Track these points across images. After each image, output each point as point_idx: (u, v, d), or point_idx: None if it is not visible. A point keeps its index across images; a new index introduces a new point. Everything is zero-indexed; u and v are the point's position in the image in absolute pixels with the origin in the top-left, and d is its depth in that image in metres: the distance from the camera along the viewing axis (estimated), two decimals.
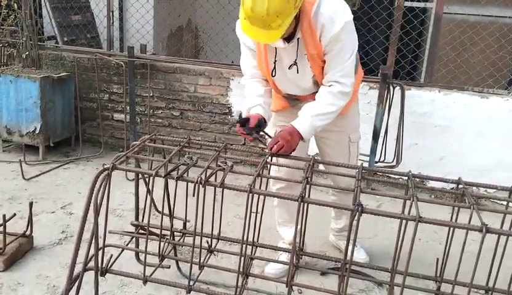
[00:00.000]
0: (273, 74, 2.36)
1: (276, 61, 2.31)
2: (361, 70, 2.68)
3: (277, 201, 2.78)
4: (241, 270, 2.00)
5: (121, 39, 5.59)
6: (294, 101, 2.56)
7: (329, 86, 2.29)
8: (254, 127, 2.26)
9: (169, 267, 2.32)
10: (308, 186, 2.01)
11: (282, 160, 2.30)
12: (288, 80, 2.39)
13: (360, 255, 2.87)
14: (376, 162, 3.93)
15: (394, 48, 3.89)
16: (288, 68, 2.30)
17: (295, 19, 2.11)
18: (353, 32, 2.26)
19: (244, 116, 2.34)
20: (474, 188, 2.89)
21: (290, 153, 2.27)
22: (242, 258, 1.97)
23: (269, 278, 2.33)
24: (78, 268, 2.01)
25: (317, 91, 2.41)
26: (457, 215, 2.00)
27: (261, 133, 2.32)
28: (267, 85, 2.49)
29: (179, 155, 2.18)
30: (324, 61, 2.27)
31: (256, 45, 2.34)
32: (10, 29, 4.67)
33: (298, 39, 2.20)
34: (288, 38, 2.19)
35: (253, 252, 2.30)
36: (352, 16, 2.20)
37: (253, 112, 2.35)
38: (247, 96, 2.47)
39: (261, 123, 2.31)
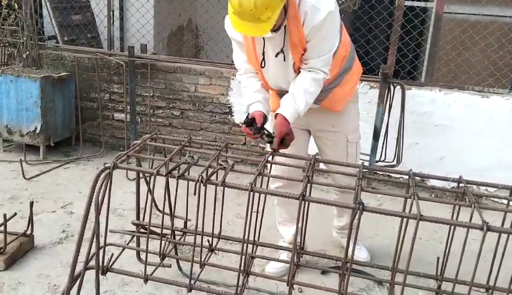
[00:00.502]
0: (262, 65, 2.34)
1: (264, 52, 2.30)
2: (360, 68, 2.66)
3: (276, 200, 2.78)
4: (242, 268, 2.00)
5: (121, 38, 5.60)
6: None
7: (312, 72, 2.28)
8: (261, 127, 2.27)
9: (170, 266, 2.32)
10: (308, 185, 2.01)
11: (282, 159, 2.30)
12: (275, 70, 2.36)
13: (361, 254, 2.87)
14: (377, 161, 3.93)
15: (395, 48, 3.89)
16: (275, 56, 2.29)
17: (283, 8, 2.11)
18: (336, 21, 2.25)
19: (246, 114, 2.34)
20: (474, 187, 2.89)
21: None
22: (243, 257, 1.97)
23: (270, 277, 2.33)
24: (79, 267, 2.01)
25: None
26: (458, 214, 2.00)
27: (266, 131, 2.32)
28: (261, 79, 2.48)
29: (180, 154, 2.18)
30: (305, 49, 2.26)
31: (244, 38, 2.33)
32: (10, 29, 4.67)
33: (284, 26, 2.19)
34: (275, 27, 2.18)
35: (254, 251, 2.31)
36: (336, 6, 2.19)
37: (254, 109, 2.35)
38: (244, 93, 2.47)
39: (266, 120, 2.32)
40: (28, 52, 4.41)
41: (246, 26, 2.07)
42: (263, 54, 2.31)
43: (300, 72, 2.34)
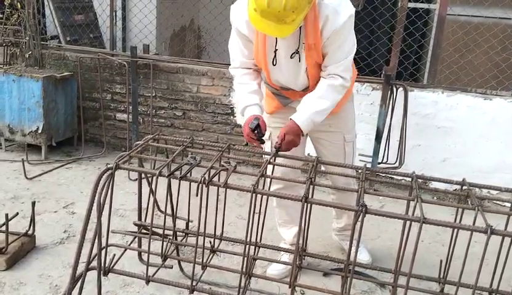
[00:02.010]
0: (274, 63, 2.31)
1: (276, 49, 2.27)
2: (355, 70, 2.65)
3: (276, 202, 2.77)
4: (244, 270, 2.00)
5: (124, 38, 5.60)
6: (285, 100, 2.53)
7: (330, 78, 2.27)
8: (264, 133, 2.28)
9: (172, 267, 2.32)
10: (311, 186, 2.00)
11: (281, 160, 2.30)
12: (286, 70, 2.35)
13: (363, 257, 2.86)
14: (379, 163, 3.93)
15: (397, 49, 3.88)
16: (290, 57, 2.26)
17: None
18: (353, 26, 2.25)
19: (245, 118, 2.33)
20: (477, 189, 2.88)
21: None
22: (245, 258, 1.97)
23: (271, 279, 2.32)
24: (81, 267, 2.01)
25: (307, 88, 2.40)
26: (461, 216, 1.99)
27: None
28: (257, 77, 2.45)
29: (182, 155, 2.17)
30: (319, 54, 2.24)
31: (256, 35, 2.28)
32: (13, 29, 4.68)
33: (300, 27, 2.17)
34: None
35: (256, 253, 2.30)
36: (354, 9, 2.19)
37: (251, 112, 2.33)
38: (238, 90, 2.44)
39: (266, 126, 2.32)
40: (30, 52, 4.42)
41: (267, 25, 2.04)
42: (275, 51, 2.27)
43: (311, 77, 2.34)
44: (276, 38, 2.23)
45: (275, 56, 2.29)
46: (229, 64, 2.51)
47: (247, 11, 2.11)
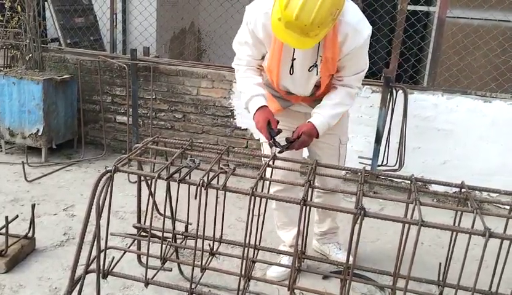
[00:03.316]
0: (291, 72, 2.31)
1: (294, 58, 2.26)
2: None
3: (275, 205, 2.78)
4: (243, 273, 2.00)
5: (124, 41, 5.60)
6: (286, 103, 2.54)
7: (347, 87, 2.36)
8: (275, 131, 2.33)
9: (171, 270, 2.32)
10: (310, 189, 2.01)
11: (280, 163, 2.30)
12: (299, 81, 2.38)
13: (341, 256, 2.86)
14: (379, 166, 3.93)
15: (397, 52, 3.88)
16: (309, 70, 2.28)
17: None
18: (369, 43, 2.30)
19: (251, 108, 2.36)
20: (477, 192, 2.88)
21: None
22: (244, 261, 1.97)
23: (271, 282, 2.32)
24: (80, 270, 2.01)
25: (310, 95, 2.44)
26: (460, 219, 1.99)
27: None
28: (260, 74, 2.47)
29: (181, 157, 2.18)
30: (334, 66, 2.29)
31: (272, 40, 2.27)
32: (13, 31, 4.68)
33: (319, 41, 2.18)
34: None
35: (255, 255, 2.30)
36: (371, 27, 2.24)
37: (258, 102, 2.35)
38: (242, 82, 2.44)
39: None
40: (30, 54, 4.42)
41: (289, 36, 2.04)
42: (293, 60, 2.27)
43: (322, 86, 2.38)
44: (294, 49, 2.23)
45: (292, 65, 2.29)
46: (229, 67, 2.51)
47: (271, 18, 2.09)
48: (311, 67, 2.27)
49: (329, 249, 2.96)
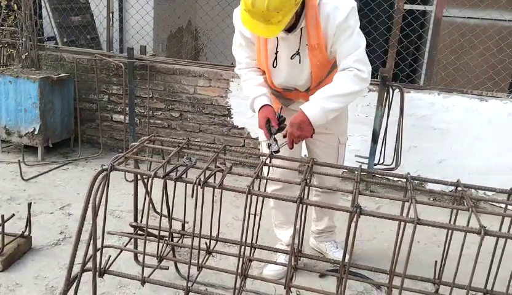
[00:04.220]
0: (274, 65, 2.32)
1: (277, 51, 2.28)
2: None
3: (273, 203, 2.78)
4: (239, 271, 2.00)
5: (121, 40, 5.60)
6: (286, 101, 2.54)
7: (344, 71, 2.22)
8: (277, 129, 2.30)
9: (167, 268, 2.32)
10: (306, 188, 2.01)
11: (278, 162, 2.30)
12: (287, 72, 2.36)
13: (337, 255, 2.86)
14: (376, 164, 3.94)
15: (394, 51, 3.89)
16: (291, 58, 2.27)
17: (298, 9, 2.10)
18: (357, 18, 2.20)
19: (256, 109, 2.35)
20: (472, 190, 2.89)
21: (310, 136, 2.27)
22: (241, 259, 1.97)
23: (267, 280, 2.32)
24: (76, 269, 2.01)
25: (309, 89, 2.42)
26: (455, 217, 1.99)
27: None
28: (263, 73, 2.47)
29: (178, 156, 2.18)
30: (323, 53, 2.25)
31: (256, 36, 2.30)
32: (9, 30, 4.67)
33: (301, 28, 2.18)
34: (290, 28, 2.18)
35: (251, 254, 2.30)
36: (355, 2, 2.18)
37: (261, 102, 2.34)
38: (245, 86, 2.45)
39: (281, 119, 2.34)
40: (27, 53, 4.41)
41: (256, 25, 2.07)
42: (276, 53, 2.28)
43: (315, 77, 2.34)
44: (278, 40, 2.25)
45: (275, 58, 2.30)
46: (226, 65, 2.52)
47: (240, 12, 2.13)
48: (293, 55, 2.26)
49: (326, 247, 2.97)
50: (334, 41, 2.20)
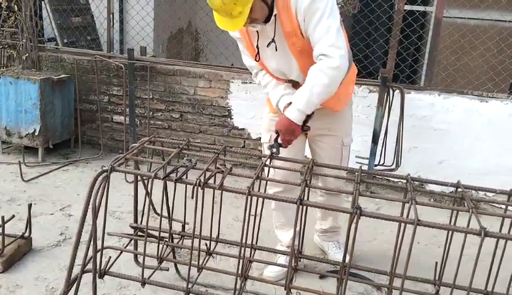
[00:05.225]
0: (257, 59, 2.36)
1: (257, 45, 2.32)
2: (356, 68, 2.65)
3: (274, 205, 2.78)
4: (240, 272, 2.00)
5: (121, 41, 5.60)
6: None
7: (319, 62, 2.17)
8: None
9: (168, 270, 2.32)
10: (306, 189, 2.01)
11: (280, 163, 2.30)
12: (274, 63, 2.38)
13: (339, 256, 2.86)
14: (376, 165, 3.93)
15: (394, 52, 3.89)
16: (267, 46, 2.29)
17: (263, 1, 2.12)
18: (329, 2, 2.14)
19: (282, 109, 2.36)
20: (473, 191, 2.89)
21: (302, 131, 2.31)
22: (241, 260, 1.97)
23: (267, 281, 2.32)
24: (76, 270, 2.01)
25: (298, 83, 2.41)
26: (456, 218, 1.99)
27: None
28: None
29: (178, 157, 2.18)
30: (302, 40, 2.22)
31: (241, 34, 2.37)
32: (10, 31, 4.68)
33: (275, 15, 2.19)
34: (267, 18, 2.20)
35: (252, 255, 2.30)
36: None
37: (284, 102, 2.37)
38: (268, 90, 2.50)
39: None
40: (27, 54, 4.41)
41: (223, 21, 2.14)
42: (257, 47, 2.32)
43: (303, 66, 2.32)
44: (258, 34, 2.28)
45: (258, 52, 2.34)
46: (226, 67, 2.52)
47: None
48: (268, 43, 2.28)
49: (328, 247, 2.96)
50: (306, 26, 2.17)
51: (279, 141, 2.31)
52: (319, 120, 2.48)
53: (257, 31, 2.27)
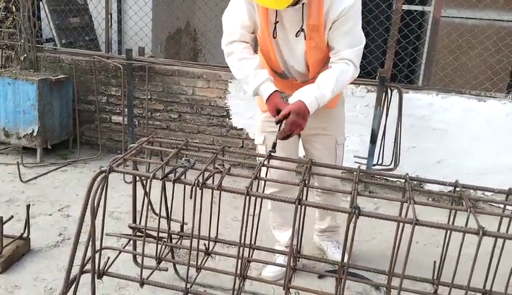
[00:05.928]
0: (274, 35, 2.24)
1: (277, 21, 2.20)
2: None
3: (270, 205, 2.78)
4: (238, 272, 2.00)
5: (119, 41, 5.60)
6: (281, 94, 2.50)
7: (343, 63, 2.20)
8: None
9: (166, 270, 2.32)
10: (305, 188, 2.01)
11: (277, 163, 2.30)
12: (284, 47, 2.29)
13: (337, 256, 2.85)
14: (374, 165, 3.94)
15: (392, 51, 3.90)
16: (296, 35, 2.21)
17: None
18: (360, 11, 2.17)
19: (263, 96, 2.28)
20: (471, 191, 2.89)
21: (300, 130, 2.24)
22: (240, 260, 1.97)
23: (266, 281, 2.32)
24: (75, 270, 2.01)
25: (305, 81, 2.37)
26: (454, 218, 2.00)
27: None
28: (255, 53, 2.38)
29: (176, 157, 2.18)
30: (321, 37, 2.20)
31: (257, 6, 2.21)
32: (8, 31, 4.67)
33: (303, 4, 2.12)
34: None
35: (250, 255, 2.30)
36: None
37: (269, 89, 2.25)
38: (244, 67, 2.29)
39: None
40: (25, 55, 4.41)
41: None
42: (276, 23, 2.20)
43: (311, 63, 2.30)
44: (276, 12, 2.18)
45: (275, 28, 2.22)
46: (225, 67, 2.50)
47: None
48: (297, 32, 2.20)
49: (327, 246, 2.96)
50: (335, 27, 2.15)
51: (283, 125, 2.25)
52: (314, 120, 2.47)
53: (276, 12, 2.16)
